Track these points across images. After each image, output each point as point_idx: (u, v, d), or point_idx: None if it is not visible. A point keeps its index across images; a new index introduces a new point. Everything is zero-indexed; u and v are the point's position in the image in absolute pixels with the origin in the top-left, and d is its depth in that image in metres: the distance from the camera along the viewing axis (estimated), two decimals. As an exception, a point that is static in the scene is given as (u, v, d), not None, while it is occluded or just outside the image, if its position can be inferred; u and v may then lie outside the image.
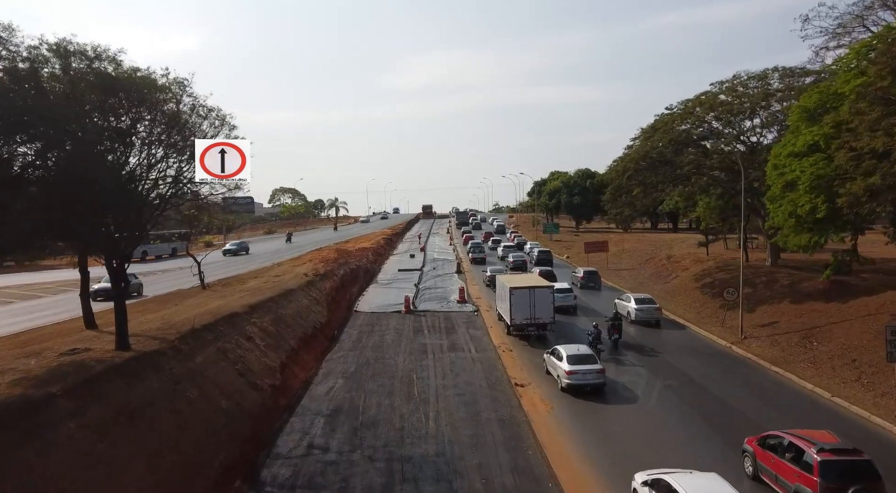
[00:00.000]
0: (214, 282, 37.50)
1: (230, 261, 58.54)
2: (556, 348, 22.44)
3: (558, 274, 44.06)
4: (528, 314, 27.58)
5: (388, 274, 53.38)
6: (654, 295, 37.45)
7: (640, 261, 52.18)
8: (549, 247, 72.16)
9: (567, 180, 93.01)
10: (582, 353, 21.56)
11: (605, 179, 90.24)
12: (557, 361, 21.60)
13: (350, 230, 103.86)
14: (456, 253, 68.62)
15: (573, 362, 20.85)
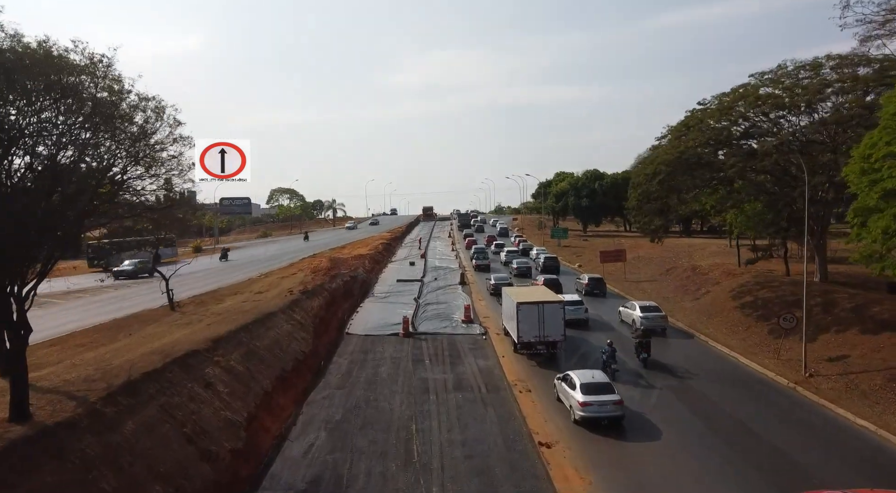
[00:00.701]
0: (187, 300, 33.24)
1: (219, 269, 54.13)
2: (569, 374, 20.33)
3: (563, 281, 42.74)
4: (536, 332, 25.58)
5: (385, 285, 49.10)
6: (686, 314, 33.26)
7: (661, 271, 47.88)
8: (557, 253, 68.02)
9: (574, 182, 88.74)
10: (597, 381, 19.46)
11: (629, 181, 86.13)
12: (570, 389, 19.56)
13: (321, 238, 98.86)
14: (458, 260, 64.39)
15: (588, 392, 18.86)
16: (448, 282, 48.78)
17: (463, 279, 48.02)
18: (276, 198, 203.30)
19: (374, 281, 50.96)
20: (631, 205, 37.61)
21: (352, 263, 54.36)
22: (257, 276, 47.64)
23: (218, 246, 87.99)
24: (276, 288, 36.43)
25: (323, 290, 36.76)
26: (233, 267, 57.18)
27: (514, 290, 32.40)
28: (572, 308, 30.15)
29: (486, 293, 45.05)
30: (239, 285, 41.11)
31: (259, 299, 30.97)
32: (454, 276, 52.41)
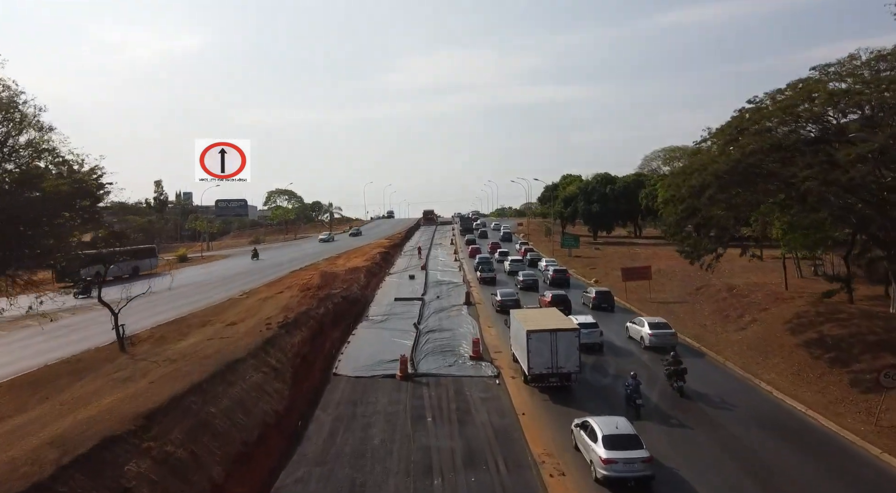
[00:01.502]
0: (146, 333, 28.25)
1: (198, 284, 48.79)
2: (588, 421, 17.88)
3: (571, 295, 40.66)
4: (549, 363, 23.46)
5: (382, 304, 44.07)
6: (734, 350, 28.22)
7: (689, 290, 42.84)
8: (568, 264, 63.08)
9: (584, 186, 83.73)
10: (623, 433, 16.92)
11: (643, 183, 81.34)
12: (590, 441, 17.12)
13: (313, 248, 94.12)
14: (462, 272, 59.35)
15: (612, 447, 16.38)
16: (452, 301, 43.76)
17: (468, 299, 43.03)
18: (273, 199, 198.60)
19: (370, 299, 45.97)
20: (669, 223, 32.45)
21: (346, 278, 49.40)
22: (239, 294, 42.71)
23: (206, 254, 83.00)
24: (253, 317, 31.43)
25: (309, 318, 31.75)
26: (214, 282, 52.17)
27: (523, 313, 28.56)
28: (586, 332, 27.39)
29: (493, 311, 40.58)
30: (214, 308, 36.15)
31: (229, 335, 25.96)
32: (458, 293, 47.42)
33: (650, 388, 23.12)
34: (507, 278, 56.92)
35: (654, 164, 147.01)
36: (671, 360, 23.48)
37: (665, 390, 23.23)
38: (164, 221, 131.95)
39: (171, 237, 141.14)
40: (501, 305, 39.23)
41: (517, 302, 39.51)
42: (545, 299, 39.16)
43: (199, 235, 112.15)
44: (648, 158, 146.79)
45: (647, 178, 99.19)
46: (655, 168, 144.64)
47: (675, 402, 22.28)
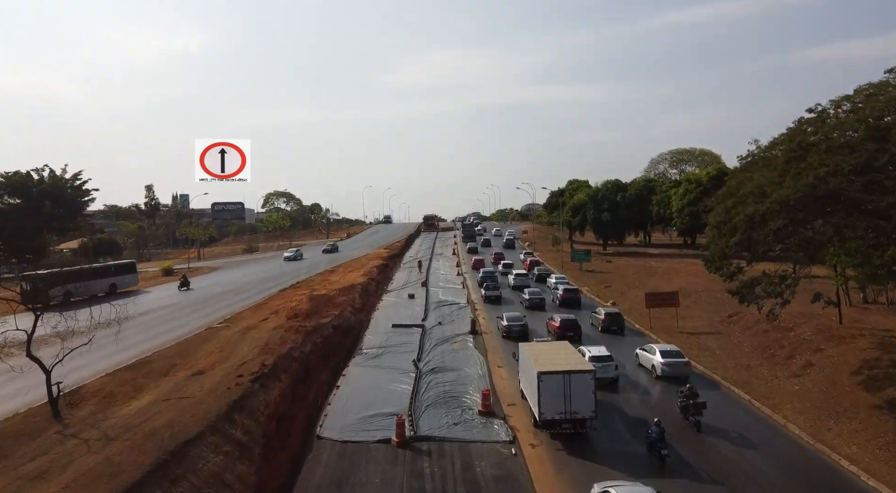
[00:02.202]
0: (95, 385, 23.80)
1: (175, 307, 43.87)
2: (609, 490, 15.92)
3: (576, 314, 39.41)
4: (561, 408, 21.36)
5: (378, 332, 39.70)
6: (794, 404, 23.73)
7: (720, 317, 38.45)
8: (579, 279, 58.80)
9: (594, 193, 79.31)
10: None
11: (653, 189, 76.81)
12: None
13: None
14: (466, 290, 54.92)
15: None
16: (456, 329, 39.33)
17: (474, 327, 38.59)
18: (271, 201, 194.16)
19: (365, 326, 41.57)
20: (713, 255, 27.95)
21: (339, 300, 45.01)
22: (219, 322, 38.34)
23: (195, 265, 78.64)
24: (227, 360, 27.01)
25: (292, 361, 27.34)
26: (195, 303, 47.73)
27: (533, 348, 25.65)
28: (600, 365, 25.24)
29: (500, 338, 36.99)
30: (186, 344, 31.72)
31: (190, 395, 21.51)
32: (462, 317, 43.09)
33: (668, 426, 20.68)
34: (511, 293, 53.27)
35: (660, 167, 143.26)
36: (686, 392, 22.15)
37: (689, 437, 21.03)
38: (155, 227, 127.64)
39: (163, 243, 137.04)
40: (508, 330, 36.24)
41: (524, 328, 36.24)
42: (554, 324, 36.16)
43: (191, 242, 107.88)
44: (655, 161, 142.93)
45: (657, 183, 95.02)
46: (662, 171, 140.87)
47: (703, 451, 19.69)
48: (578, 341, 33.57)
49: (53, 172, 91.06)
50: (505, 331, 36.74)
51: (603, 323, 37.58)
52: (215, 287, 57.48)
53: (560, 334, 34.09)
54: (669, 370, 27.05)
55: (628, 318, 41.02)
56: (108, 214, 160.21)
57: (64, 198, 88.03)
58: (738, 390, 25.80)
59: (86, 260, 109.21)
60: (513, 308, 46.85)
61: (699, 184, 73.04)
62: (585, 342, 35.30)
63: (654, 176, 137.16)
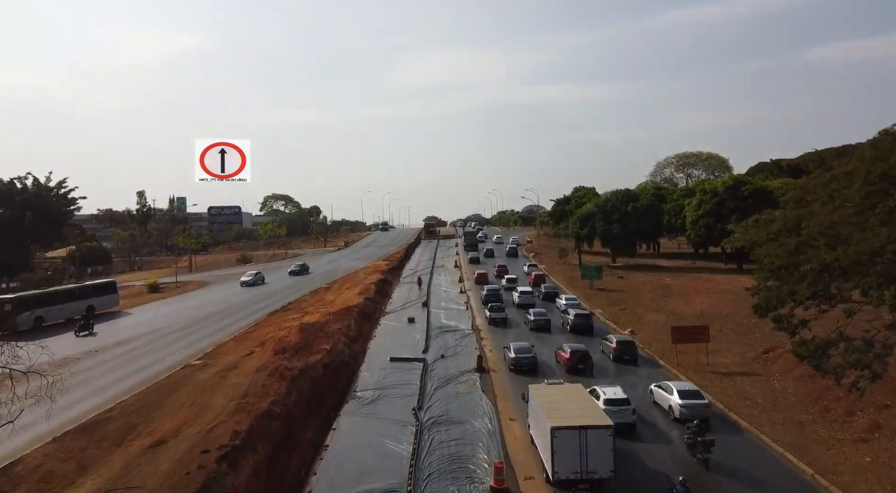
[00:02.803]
0: (35, 458, 19.95)
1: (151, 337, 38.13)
2: None
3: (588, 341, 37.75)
4: (577, 467, 19.56)
5: (374, 367, 35.87)
6: (868, 486, 19.81)
7: (755, 353, 34.58)
8: (590, 297, 55.09)
9: (603, 203, 75.47)
10: None
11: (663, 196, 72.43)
12: None
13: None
14: (470, 312, 51.07)
15: None
16: (461, 364, 35.50)
17: (480, 364, 34.76)
18: (269, 204, 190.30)
19: (360, 360, 37.75)
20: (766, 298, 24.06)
21: (332, 328, 41.23)
22: (197, 359, 34.57)
23: (183, 280, 74.77)
24: (196, 420, 23.19)
25: (271, 421, 23.50)
26: (176, 330, 43.91)
27: (543, 392, 23.62)
28: (615, 409, 23.90)
29: (507, 372, 34.01)
30: (154, 391, 27.89)
31: (141, 483, 17.66)
32: (467, 348, 39.33)
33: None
34: (515, 311, 50.31)
35: (666, 171, 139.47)
36: (694, 428, 21.38)
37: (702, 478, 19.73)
38: (147, 235, 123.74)
39: (157, 250, 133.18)
40: (515, 363, 33.55)
41: (533, 361, 33.73)
42: (563, 355, 33.91)
43: (182, 250, 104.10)
44: (661, 165, 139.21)
45: (667, 191, 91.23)
46: (669, 176, 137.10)
47: None
48: (590, 373, 32.32)
49: (37, 180, 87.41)
50: (512, 364, 33.74)
51: (614, 352, 35.05)
52: (201, 309, 53.68)
53: (570, 366, 32.82)
54: (688, 413, 24.70)
55: (649, 350, 37.23)
56: (101, 218, 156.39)
57: (48, 207, 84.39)
58: (794, 457, 21.97)
59: (74, 269, 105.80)
60: (518, 331, 44.26)
61: (714, 194, 69.28)
62: (595, 373, 32.92)
63: (661, 181, 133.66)
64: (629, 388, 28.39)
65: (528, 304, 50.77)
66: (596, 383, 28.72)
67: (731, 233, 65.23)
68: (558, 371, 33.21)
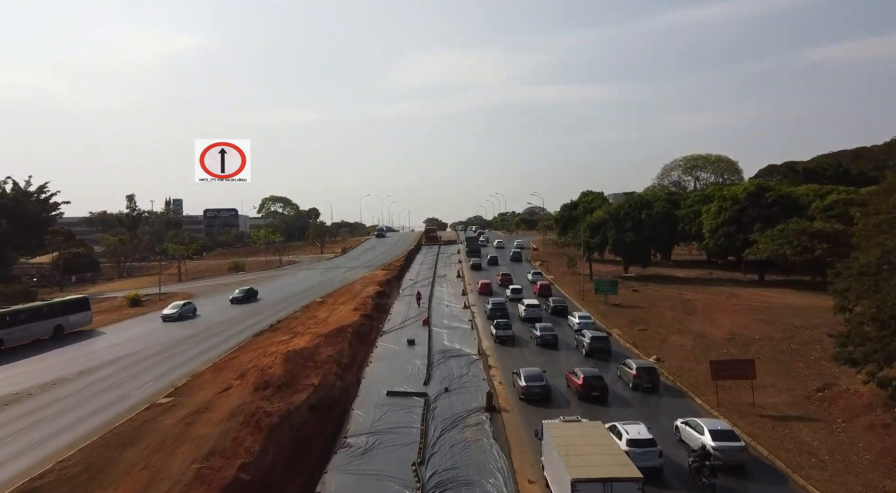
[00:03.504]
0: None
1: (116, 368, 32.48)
2: None
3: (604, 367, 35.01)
4: None
5: (368, 406, 31.28)
6: None
7: (807, 391, 30.08)
8: (604, 315, 50.73)
9: (615, 211, 71.06)
10: None
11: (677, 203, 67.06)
12: None
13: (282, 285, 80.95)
14: (476, 331, 46.58)
15: None
16: (467, 401, 31.02)
17: (490, 402, 30.29)
18: (267, 206, 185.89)
19: (353, 394, 33.29)
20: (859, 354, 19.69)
21: (323, 355, 36.89)
22: (165, 395, 30.17)
23: (168, 291, 70.28)
24: (149, 490, 18.78)
25: None
26: (151, 355, 39.45)
27: (560, 431, 21.29)
28: (640, 452, 21.57)
29: (516, 398, 31.22)
30: (102, 448, 23.42)
31: None
32: (474, 377, 34.99)
33: None
34: (521, 325, 47.38)
35: (673, 174, 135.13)
36: (700, 451, 20.89)
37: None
38: (137, 239, 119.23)
39: (148, 256, 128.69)
40: (526, 392, 30.64)
41: (545, 389, 30.79)
42: (576, 380, 31.04)
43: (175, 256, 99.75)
44: (668, 168, 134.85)
45: (680, 196, 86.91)
46: (677, 179, 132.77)
47: None
48: (604, 400, 30.00)
49: (17, 185, 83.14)
50: (523, 393, 30.75)
51: (634, 379, 31.69)
52: (182, 327, 49.29)
53: (583, 393, 30.26)
54: (722, 457, 21.83)
55: (680, 383, 32.81)
56: (94, 221, 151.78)
57: (26, 213, 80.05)
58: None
59: (60, 277, 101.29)
60: (527, 350, 41.06)
61: (735, 201, 64.90)
62: (613, 401, 30.06)
63: (669, 184, 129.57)
64: (651, 421, 25.49)
65: (534, 318, 47.90)
66: (613, 413, 27.03)
67: (755, 243, 61.22)
68: (570, 397, 30.94)
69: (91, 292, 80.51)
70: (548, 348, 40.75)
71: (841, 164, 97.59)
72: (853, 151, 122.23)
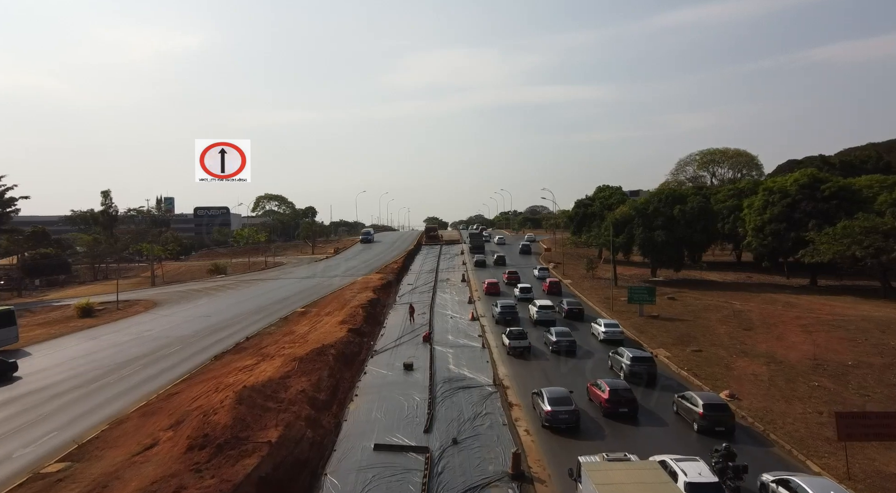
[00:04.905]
0: None
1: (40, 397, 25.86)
2: None
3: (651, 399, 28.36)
4: None
5: (348, 469, 22.29)
6: None
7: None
8: (639, 325, 42.18)
9: (643, 206, 62.18)
10: None
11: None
12: None
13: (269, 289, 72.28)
14: (490, 359, 37.28)
15: None
16: (483, 463, 22.19)
17: (518, 465, 21.47)
18: (262, 205, 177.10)
19: (329, 450, 24.40)
20: None
21: (291, 390, 28.17)
22: (61, 456, 21.45)
23: (129, 299, 61.39)
24: None
25: None
26: (62, 394, 30.60)
27: (604, 476, 16.00)
28: None
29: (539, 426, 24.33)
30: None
31: None
32: (492, 425, 26.10)
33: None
34: (533, 331, 41.13)
35: (688, 169, 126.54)
36: (724, 451, 18.68)
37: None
38: (114, 239, 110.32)
39: (130, 258, 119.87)
40: (552, 419, 24.77)
41: (574, 415, 24.82)
42: (600, 394, 26.52)
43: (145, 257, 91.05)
44: (682, 163, 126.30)
45: (709, 190, 78.20)
46: (694, 175, 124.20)
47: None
48: (635, 418, 25.73)
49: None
50: (548, 419, 24.85)
51: (701, 420, 23.88)
52: (129, 346, 40.51)
53: (609, 409, 25.86)
54: None
55: (775, 432, 24.04)
56: (75, 220, 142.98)
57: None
58: None
59: (26, 279, 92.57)
60: (542, 359, 35.75)
61: (784, 194, 56.12)
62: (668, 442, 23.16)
63: (685, 179, 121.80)
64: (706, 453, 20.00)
65: (548, 320, 43.71)
66: (647, 438, 23.16)
67: (811, 242, 52.54)
68: (593, 413, 26.38)
69: (50, 297, 71.96)
70: (564, 355, 36.05)
71: (881, 156, 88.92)
72: (885, 144, 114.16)
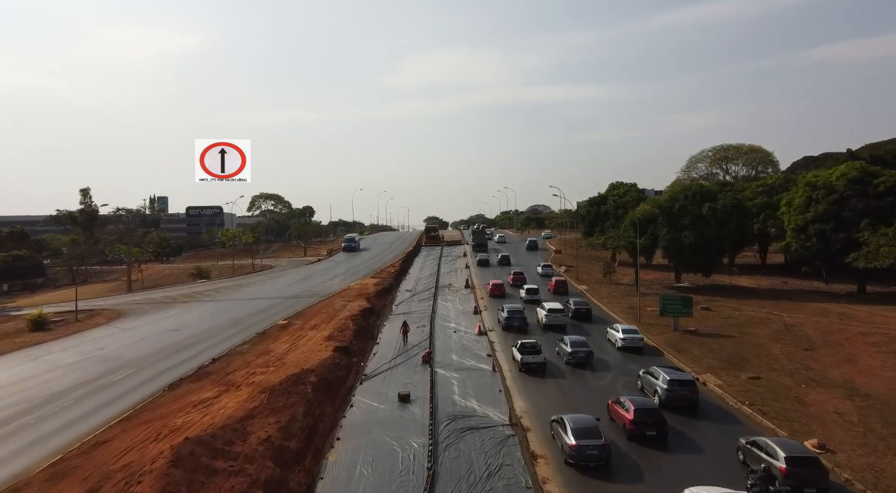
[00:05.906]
0: None
1: None
2: None
3: None
4: None
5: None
6: None
7: None
8: (674, 342, 35.92)
9: (668, 204, 55.79)
10: None
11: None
12: None
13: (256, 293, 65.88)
14: (503, 389, 30.77)
15: None
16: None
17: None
18: (258, 204, 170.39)
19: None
20: None
21: (253, 437, 21.86)
22: None
23: (81, 315, 54.99)
24: None
25: None
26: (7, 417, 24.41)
27: None
28: None
29: None
30: None
31: None
32: (511, 482, 19.83)
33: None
34: (542, 338, 37.39)
35: (700, 166, 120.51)
36: (762, 473, 17.18)
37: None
38: (93, 240, 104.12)
39: (109, 260, 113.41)
40: (578, 455, 20.45)
41: (605, 450, 20.56)
42: (625, 414, 23.10)
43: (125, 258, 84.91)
44: (694, 160, 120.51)
45: (735, 187, 71.79)
46: (706, 172, 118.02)
47: None
48: (664, 442, 22.23)
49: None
50: (572, 455, 20.54)
51: (785, 478, 17.88)
52: (75, 370, 34.20)
53: (635, 432, 22.53)
54: None
55: None
56: (60, 220, 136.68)
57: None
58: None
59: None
60: (557, 375, 31.26)
61: (830, 190, 49.83)
62: None
63: (698, 177, 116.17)
64: None
65: (558, 325, 41.22)
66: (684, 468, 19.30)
67: (864, 245, 46.39)
68: (615, 435, 22.55)
69: (16, 304, 65.73)
70: (580, 367, 32.37)
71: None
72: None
